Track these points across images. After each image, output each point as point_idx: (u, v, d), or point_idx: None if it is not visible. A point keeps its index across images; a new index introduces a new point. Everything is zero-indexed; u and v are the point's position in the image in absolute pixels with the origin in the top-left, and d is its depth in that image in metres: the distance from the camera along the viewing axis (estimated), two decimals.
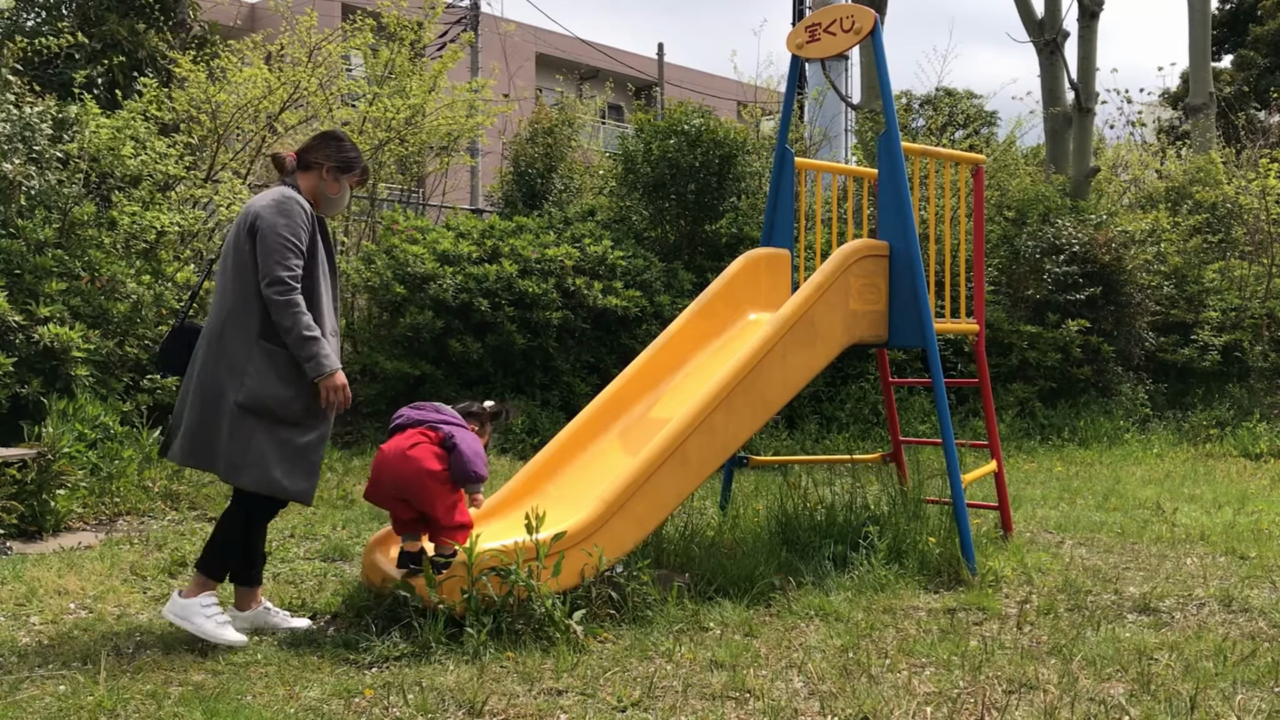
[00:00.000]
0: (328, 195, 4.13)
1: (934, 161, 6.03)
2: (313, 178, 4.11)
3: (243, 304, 3.89)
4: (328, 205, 4.16)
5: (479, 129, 12.18)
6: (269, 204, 3.93)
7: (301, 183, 4.09)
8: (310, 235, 3.96)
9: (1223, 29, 27.04)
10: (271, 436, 3.86)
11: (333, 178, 4.13)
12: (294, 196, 3.97)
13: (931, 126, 16.31)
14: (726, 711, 3.28)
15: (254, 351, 3.87)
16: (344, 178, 4.15)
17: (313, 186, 4.10)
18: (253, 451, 3.84)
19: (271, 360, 3.87)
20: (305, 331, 3.83)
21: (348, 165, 4.16)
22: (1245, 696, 3.38)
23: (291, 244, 3.87)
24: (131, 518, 6.31)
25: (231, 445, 3.85)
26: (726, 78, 22.84)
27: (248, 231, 3.91)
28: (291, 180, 4.08)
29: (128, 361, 7.39)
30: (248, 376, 3.85)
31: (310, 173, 4.11)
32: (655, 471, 4.38)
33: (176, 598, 3.88)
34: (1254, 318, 12.56)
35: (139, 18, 11.18)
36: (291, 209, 3.91)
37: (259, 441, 3.85)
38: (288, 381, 3.88)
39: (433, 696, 3.34)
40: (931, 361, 5.24)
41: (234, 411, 3.85)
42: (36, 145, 7.52)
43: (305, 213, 3.96)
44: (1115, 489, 7.85)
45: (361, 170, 4.21)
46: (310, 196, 4.08)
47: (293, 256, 3.86)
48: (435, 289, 9.32)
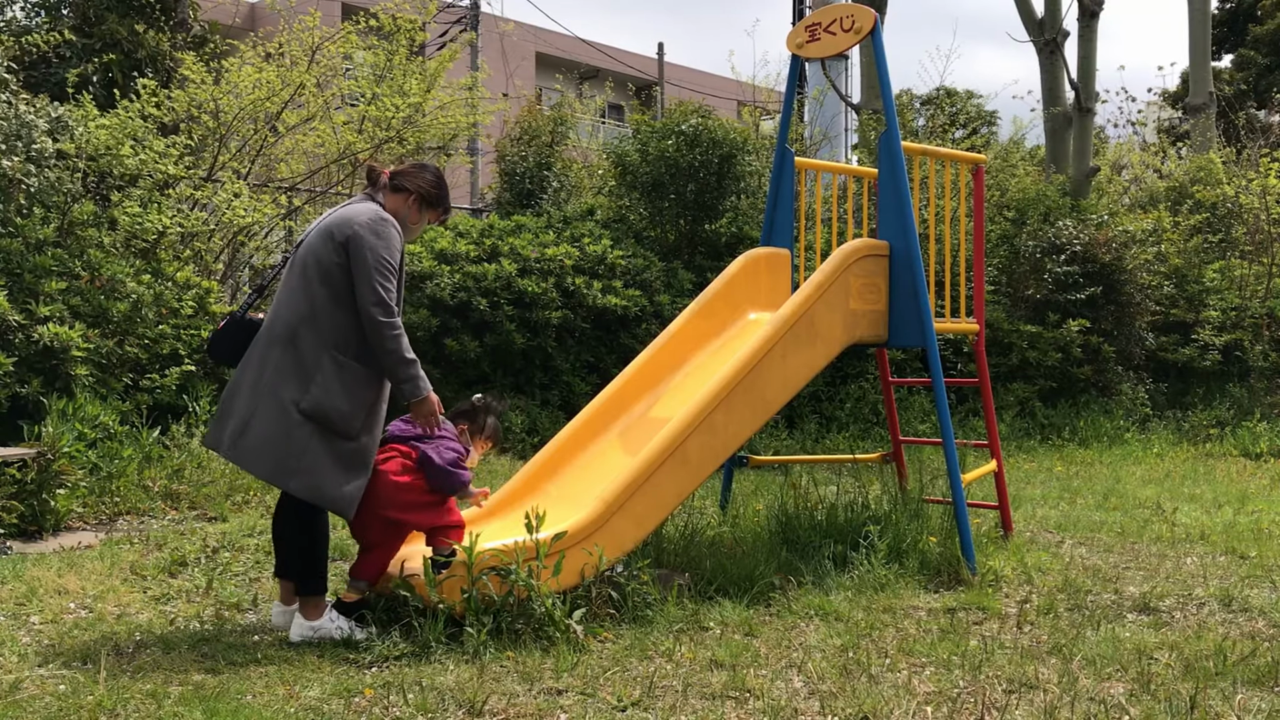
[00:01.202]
0: (408, 222, 4.16)
1: (934, 161, 6.03)
2: (399, 200, 4.14)
3: (322, 312, 3.92)
4: (405, 231, 4.18)
5: (477, 127, 12.19)
6: (365, 223, 3.95)
7: (388, 202, 4.12)
8: (400, 258, 4.03)
9: (1222, 28, 27.04)
10: (327, 447, 3.89)
11: (418, 207, 4.17)
12: (389, 218, 4.02)
13: (932, 126, 16.30)
14: (726, 711, 3.28)
15: (324, 360, 3.90)
16: (428, 211, 4.21)
17: (397, 208, 4.12)
18: (307, 458, 3.86)
19: (340, 372, 3.90)
20: (407, 354, 3.92)
21: (436, 201, 4.22)
22: (1245, 696, 3.38)
23: (391, 266, 3.94)
24: (131, 517, 6.30)
25: (287, 449, 3.87)
26: (726, 78, 22.82)
27: (340, 243, 3.92)
28: (379, 197, 4.12)
29: (127, 361, 7.39)
30: (314, 385, 3.88)
31: (399, 195, 4.14)
32: (655, 471, 4.38)
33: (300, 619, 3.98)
34: (1254, 317, 12.56)
35: (138, 17, 11.18)
36: (389, 232, 3.97)
37: (314, 449, 3.87)
38: (352, 396, 3.91)
39: (433, 696, 3.33)
40: (931, 361, 5.24)
41: (295, 417, 3.87)
42: (36, 144, 7.52)
43: (398, 235, 4.03)
44: (1115, 489, 7.85)
45: (445, 210, 4.28)
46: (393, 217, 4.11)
47: (392, 278, 3.93)
48: (433, 287, 9.32)
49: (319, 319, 3.91)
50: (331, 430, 3.89)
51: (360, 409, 3.94)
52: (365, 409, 3.96)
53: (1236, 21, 27.83)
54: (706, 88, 25.17)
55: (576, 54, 27.34)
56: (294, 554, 4.05)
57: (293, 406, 3.87)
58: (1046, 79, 14.48)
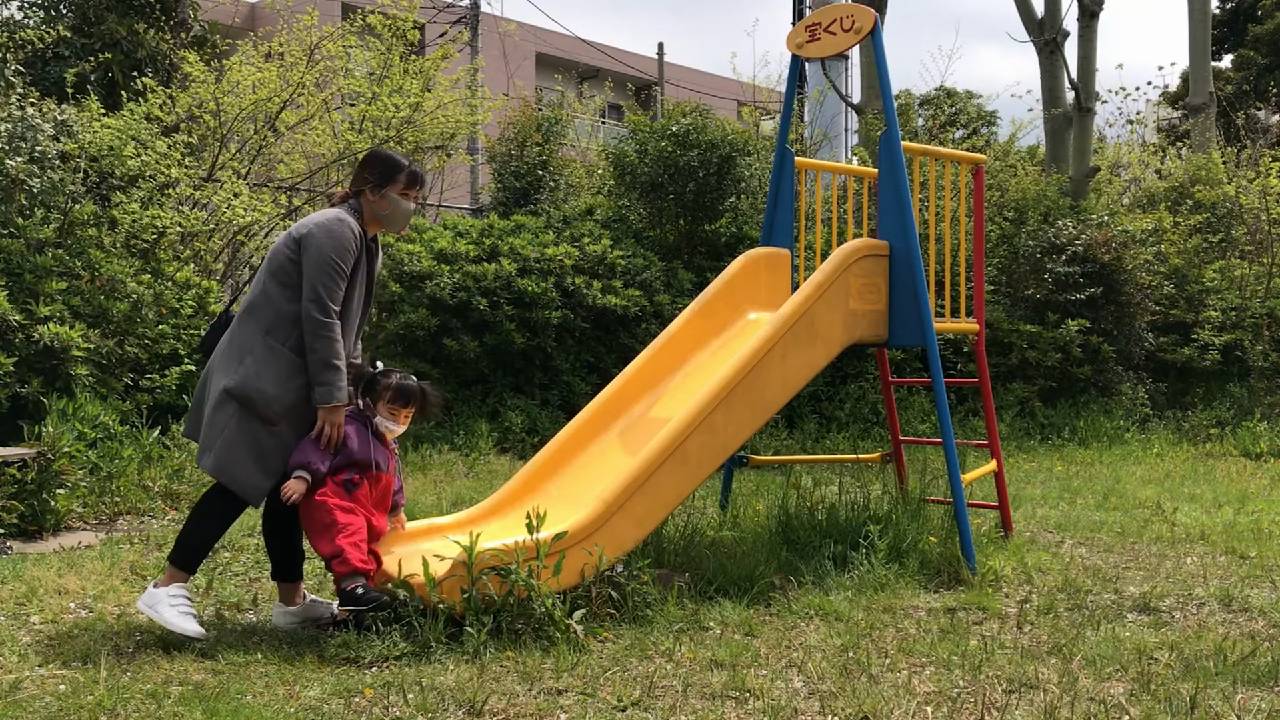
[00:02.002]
0: (381, 213, 4.13)
1: (934, 161, 6.03)
2: (366, 202, 4.12)
3: (264, 301, 3.95)
4: (389, 222, 4.17)
5: (476, 126, 12.19)
6: (322, 222, 3.97)
7: (364, 210, 4.12)
8: (355, 260, 4.00)
9: (1222, 28, 27.05)
10: (244, 428, 3.89)
11: (378, 195, 4.11)
12: (346, 219, 4.00)
13: (932, 126, 16.31)
14: (726, 711, 3.28)
15: (257, 344, 3.91)
16: (388, 190, 4.12)
17: (367, 210, 4.12)
18: (223, 436, 3.88)
19: (271, 356, 3.90)
20: (332, 359, 3.89)
21: (384, 178, 4.12)
22: (1245, 696, 3.38)
23: (338, 267, 3.91)
24: (131, 517, 6.30)
25: (208, 428, 3.92)
26: (727, 78, 22.83)
27: (295, 240, 3.96)
28: (355, 201, 4.11)
29: (128, 361, 7.39)
30: (244, 365, 3.89)
31: (362, 198, 4.12)
32: (655, 471, 4.38)
33: (150, 588, 3.94)
34: (1254, 317, 12.56)
35: (138, 17, 11.18)
36: (341, 232, 3.95)
37: (231, 429, 3.88)
38: (279, 382, 3.89)
39: (433, 696, 3.33)
40: (931, 361, 5.24)
41: (220, 395, 3.90)
42: (39, 145, 7.53)
43: (354, 236, 3.99)
44: (1115, 488, 7.85)
45: (408, 175, 4.16)
46: (367, 220, 4.11)
47: (337, 280, 3.91)
48: (432, 287, 9.32)
49: (262, 307, 3.95)
50: (253, 413, 3.88)
51: (286, 395, 3.90)
52: (291, 396, 3.91)
53: (1236, 21, 27.83)
54: (707, 88, 25.18)
55: (576, 54, 27.34)
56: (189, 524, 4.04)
57: (220, 386, 3.91)
58: (1046, 79, 14.48)
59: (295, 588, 4.18)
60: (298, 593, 4.19)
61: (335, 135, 11.03)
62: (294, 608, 4.13)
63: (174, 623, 3.80)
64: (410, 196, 4.18)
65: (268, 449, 3.91)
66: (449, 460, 8.45)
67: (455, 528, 4.49)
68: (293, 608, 4.13)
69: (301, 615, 4.14)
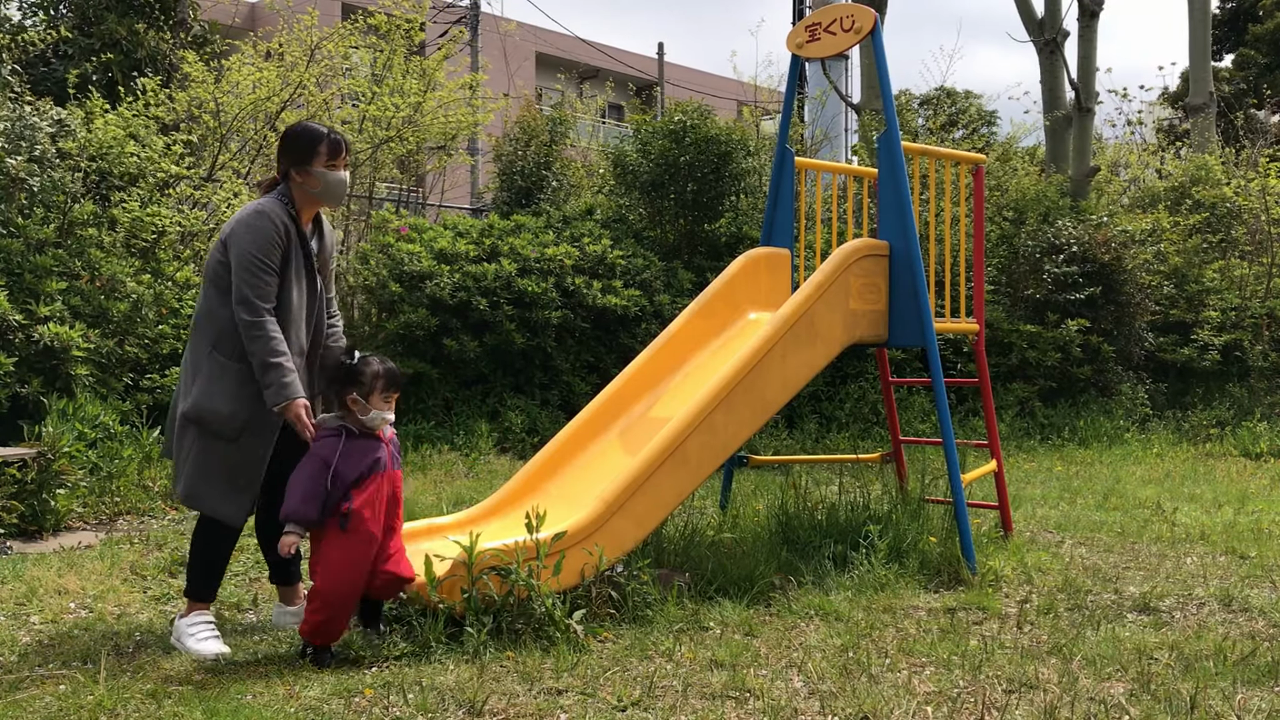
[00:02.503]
0: (311, 191, 3.94)
1: (934, 161, 6.03)
2: (293, 184, 3.95)
3: (206, 312, 3.85)
4: (324, 198, 3.98)
5: (477, 126, 12.19)
6: (242, 219, 3.83)
7: (293, 194, 3.95)
8: (284, 250, 3.82)
9: (1223, 28, 27.06)
10: (205, 451, 3.78)
11: (301, 174, 3.93)
12: (267, 210, 3.83)
13: (932, 126, 16.31)
14: (726, 711, 3.28)
15: (204, 362, 3.81)
16: (311, 167, 3.92)
17: (298, 192, 3.95)
18: (190, 464, 3.79)
19: (221, 374, 3.79)
20: (269, 357, 3.71)
21: (304, 154, 3.92)
22: (1245, 696, 3.38)
23: (260, 262, 3.75)
24: (131, 517, 6.30)
25: (176, 454, 3.86)
26: (727, 78, 22.83)
27: (222, 241, 3.84)
28: (284, 186, 3.95)
29: (128, 361, 7.39)
30: (195, 386, 3.79)
31: (289, 181, 3.95)
32: (655, 471, 4.38)
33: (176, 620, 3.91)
34: (1254, 317, 12.56)
35: (138, 17, 11.18)
36: (260, 225, 3.78)
37: (194, 455, 3.79)
38: (231, 398, 3.77)
39: (433, 696, 3.33)
40: (931, 361, 5.24)
41: (180, 420, 3.83)
42: (39, 145, 7.53)
43: (278, 225, 3.81)
44: (1115, 488, 7.85)
45: (329, 145, 3.93)
46: (305, 203, 3.95)
47: (262, 275, 3.75)
48: (432, 287, 9.32)
49: (205, 320, 3.84)
50: (212, 433, 3.77)
51: (240, 410, 3.77)
52: (246, 410, 3.77)
53: (1236, 21, 27.84)
54: (707, 88, 25.17)
55: (577, 54, 27.34)
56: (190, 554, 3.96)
57: (181, 414, 3.83)
58: (1046, 79, 14.48)
59: (294, 589, 4.17)
60: (297, 593, 4.16)
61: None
62: (294, 607, 4.11)
63: (196, 650, 3.75)
64: (338, 165, 3.97)
65: (235, 466, 3.79)
66: (449, 460, 8.45)
67: (455, 528, 4.49)
68: (292, 607, 4.11)
69: (301, 615, 4.09)
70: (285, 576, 4.15)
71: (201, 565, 3.92)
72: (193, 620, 3.84)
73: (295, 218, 3.91)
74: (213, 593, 3.95)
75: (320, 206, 4.04)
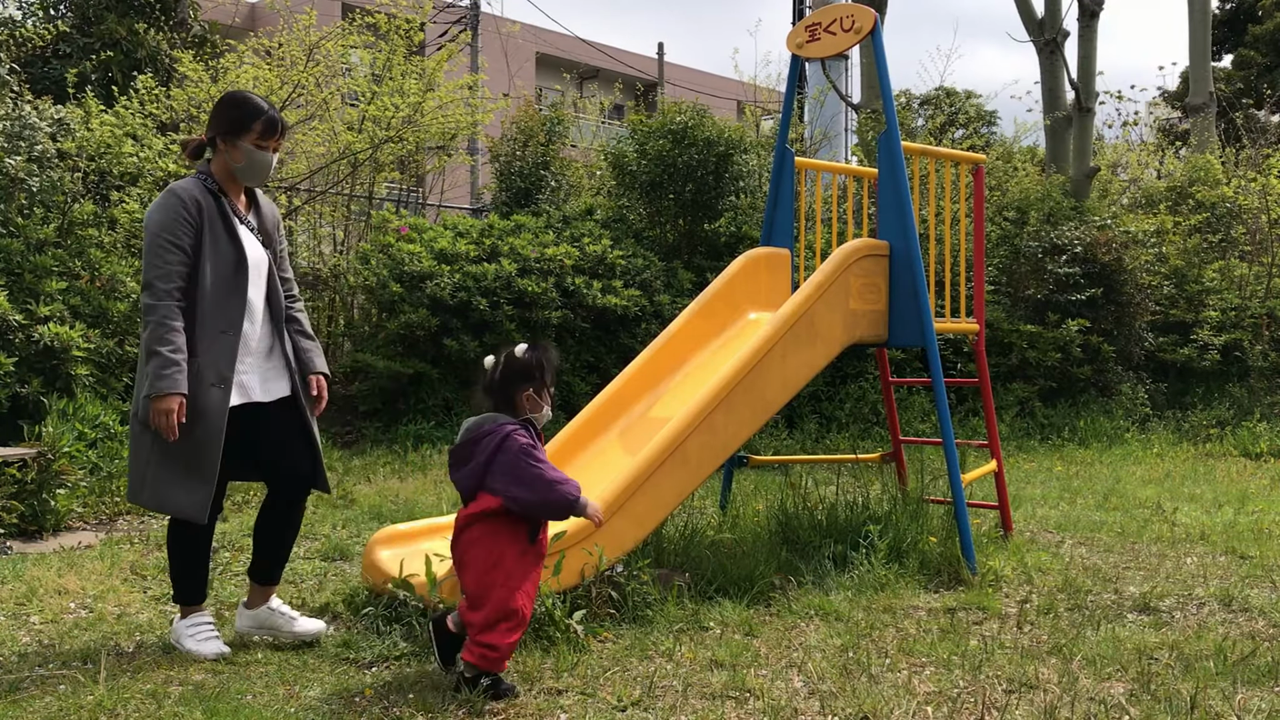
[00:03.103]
0: (235, 165, 3.72)
1: (934, 161, 6.03)
2: (216, 154, 3.73)
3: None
4: (243, 175, 3.75)
5: (477, 126, 12.19)
6: (155, 203, 3.66)
7: (215, 166, 3.74)
8: (196, 229, 3.61)
9: (1222, 28, 27.06)
10: (156, 449, 3.61)
11: (229, 145, 3.71)
12: (176, 189, 3.63)
13: (932, 126, 16.31)
14: (726, 711, 3.28)
15: (141, 358, 3.65)
16: (241, 141, 3.70)
17: (219, 164, 3.73)
18: (149, 467, 3.63)
19: None
20: (153, 344, 3.51)
21: (236, 126, 3.70)
22: (1245, 696, 3.38)
23: (164, 242, 3.56)
24: (131, 517, 6.30)
25: (131, 460, 3.72)
26: (727, 77, 22.84)
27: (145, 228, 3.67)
28: (202, 165, 3.76)
29: (128, 361, 7.39)
30: (140, 387, 3.63)
31: (215, 152, 3.73)
32: (655, 471, 4.38)
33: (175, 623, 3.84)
34: (1254, 317, 12.56)
35: (138, 17, 11.18)
36: (167, 203, 3.60)
37: (154, 456, 3.62)
38: None
39: (433, 696, 3.33)
40: (931, 361, 5.24)
41: (135, 426, 3.68)
42: (38, 145, 7.53)
43: (187, 202, 3.60)
44: (1115, 488, 7.85)
45: (264, 123, 3.72)
46: (222, 175, 3.74)
47: (164, 255, 3.55)
48: (433, 287, 9.32)
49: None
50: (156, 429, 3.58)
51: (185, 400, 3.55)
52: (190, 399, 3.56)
53: (1236, 21, 27.85)
54: (707, 88, 25.18)
55: (577, 54, 27.34)
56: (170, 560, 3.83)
57: (133, 417, 3.67)
58: (1046, 79, 14.48)
59: (265, 591, 3.91)
60: (268, 596, 3.91)
61: (334, 135, 11.03)
62: (251, 611, 3.88)
63: (196, 650, 3.71)
64: (268, 147, 3.75)
65: (188, 459, 3.59)
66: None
67: None
68: (250, 611, 3.89)
69: (259, 622, 3.88)
70: (264, 575, 3.90)
71: (180, 568, 3.81)
72: (191, 621, 3.79)
73: (217, 193, 3.71)
74: (201, 593, 3.84)
75: (236, 183, 3.80)
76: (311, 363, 3.94)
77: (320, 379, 3.96)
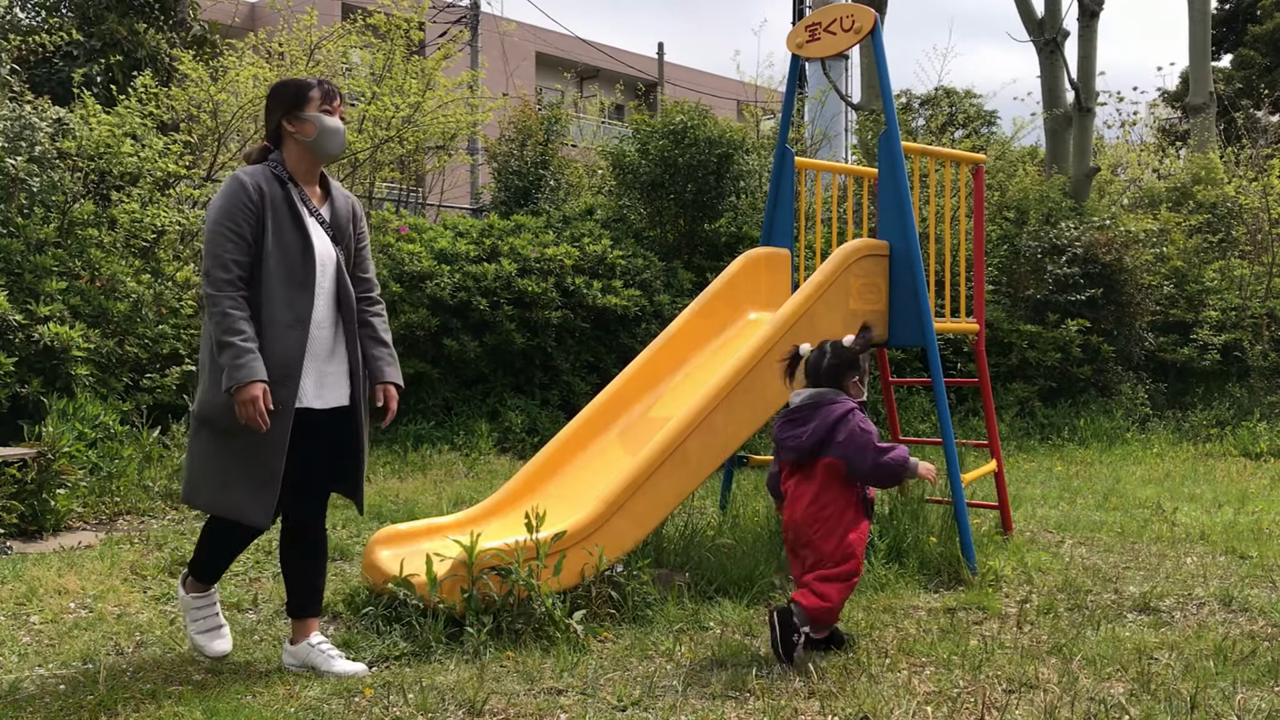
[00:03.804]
0: (308, 141, 3.60)
1: (934, 161, 6.03)
2: (287, 141, 3.62)
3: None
4: (322, 147, 3.61)
5: (476, 126, 12.19)
6: (219, 189, 3.54)
7: (286, 156, 3.62)
8: (258, 217, 3.46)
9: (1222, 28, 27.07)
10: (219, 451, 3.45)
11: (297, 123, 3.59)
12: (241, 176, 3.50)
13: (932, 126, 16.31)
14: (726, 711, 3.28)
15: (206, 357, 3.50)
16: (305, 114, 3.59)
17: (295, 149, 3.61)
18: (207, 468, 3.47)
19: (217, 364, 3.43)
20: (223, 335, 3.35)
21: (297, 100, 3.60)
22: (1245, 696, 3.38)
23: (226, 230, 3.41)
24: (131, 517, 6.30)
25: (189, 461, 3.56)
26: (727, 77, 22.84)
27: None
28: (275, 157, 3.62)
29: (128, 361, 7.39)
30: (201, 383, 3.51)
31: (283, 140, 3.63)
32: (655, 471, 4.38)
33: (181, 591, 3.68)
34: (1254, 317, 12.56)
35: (138, 17, 11.18)
36: (230, 190, 3.46)
37: (208, 457, 3.47)
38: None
39: (433, 696, 3.33)
40: (931, 361, 5.24)
41: (194, 424, 3.55)
42: (39, 145, 7.53)
43: (250, 190, 3.46)
44: (1115, 488, 7.85)
45: (320, 89, 3.63)
46: (301, 161, 3.61)
47: (225, 243, 3.40)
48: (433, 287, 9.32)
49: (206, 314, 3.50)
50: (219, 431, 3.43)
51: None
52: None
53: (1236, 21, 27.85)
54: (707, 88, 25.17)
55: (577, 54, 27.33)
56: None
57: (193, 414, 3.55)
58: (1046, 79, 14.48)
59: (306, 625, 3.67)
60: (308, 631, 3.67)
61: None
62: (294, 648, 3.67)
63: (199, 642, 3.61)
64: (333, 111, 3.64)
65: (252, 462, 3.43)
66: (449, 460, 8.45)
67: (455, 528, 4.50)
68: (293, 647, 3.67)
69: (300, 659, 3.65)
70: (299, 608, 3.67)
71: (208, 556, 3.64)
72: (198, 603, 3.64)
73: (285, 180, 3.57)
74: (216, 577, 3.69)
75: (319, 160, 3.66)
76: (381, 372, 3.71)
77: (389, 389, 3.73)
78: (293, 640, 3.68)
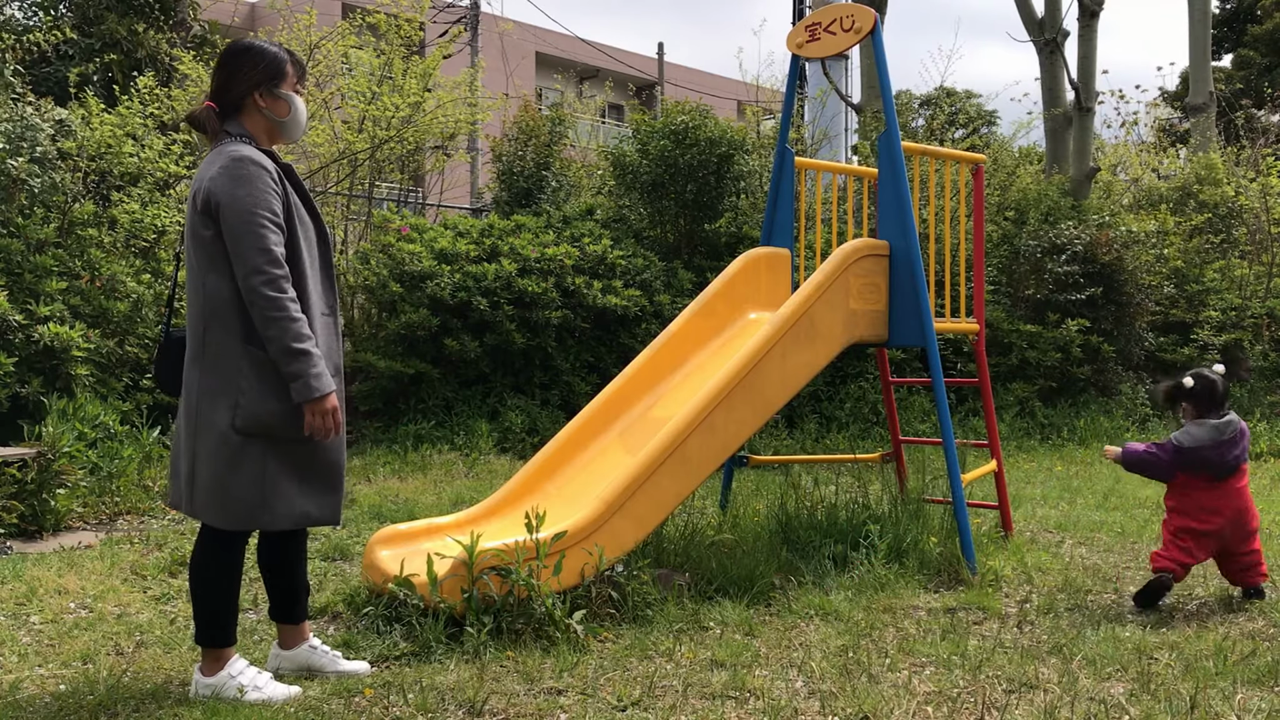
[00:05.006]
0: (279, 120, 3.30)
1: (934, 161, 6.03)
2: (251, 113, 3.28)
3: (220, 303, 3.16)
4: (288, 130, 3.34)
5: (476, 125, 12.19)
6: (219, 173, 3.13)
7: (248, 126, 3.28)
8: (284, 198, 3.20)
9: (1222, 28, 27.08)
10: (285, 460, 3.22)
11: (271, 98, 3.28)
12: (246, 154, 3.16)
13: (931, 126, 16.31)
14: (726, 711, 3.28)
15: (243, 362, 3.16)
16: (282, 88, 3.29)
17: (261, 124, 3.30)
18: (269, 483, 3.19)
19: (262, 370, 3.16)
20: (293, 343, 3.08)
21: (274, 72, 3.28)
22: (1245, 696, 3.38)
23: (263, 220, 3.09)
24: (131, 517, 6.31)
25: (234, 481, 3.17)
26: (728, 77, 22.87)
27: (202, 211, 3.13)
28: (236, 129, 3.26)
29: (128, 361, 7.40)
30: (242, 394, 3.15)
31: (246, 110, 3.28)
32: (655, 471, 4.38)
33: (200, 678, 3.32)
34: (1254, 317, 12.56)
35: (138, 17, 11.18)
36: (248, 172, 3.12)
37: (273, 470, 3.19)
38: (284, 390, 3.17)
39: (433, 696, 3.33)
40: (931, 361, 5.24)
41: (235, 440, 3.16)
42: (40, 146, 7.53)
43: (269, 171, 3.17)
44: (1115, 488, 7.85)
45: (294, 64, 3.34)
46: (263, 138, 3.31)
47: (270, 234, 3.10)
48: (433, 287, 9.32)
49: (219, 313, 3.15)
50: (283, 439, 3.20)
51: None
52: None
53: (1236, 21, 27.86)
54: (707, 88, 25.18)
55: (576, 54, 27.35)
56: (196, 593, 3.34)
57: (229, 428, 3.16)
58: (1046, 79, 14.48)
59: (296, 630, 3.57)
60: (299, 636, 3.58)
61: (335, 136, 11.03)
62: (289, 652, 3.57)
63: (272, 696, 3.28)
64: (302, 92, 3.39)
65: (310, 461, 3.26)
66: (449, 460, 8.45)
67: (455, 528, 4.50)
68: (287, 652, 3.57)
69: (297, 663, 3.55)
70: (285, 613, 3.56)
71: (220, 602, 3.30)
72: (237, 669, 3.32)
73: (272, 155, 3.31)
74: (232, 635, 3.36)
75: (279, 141, 3.40)
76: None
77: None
78: (285, 645, 3.57)
